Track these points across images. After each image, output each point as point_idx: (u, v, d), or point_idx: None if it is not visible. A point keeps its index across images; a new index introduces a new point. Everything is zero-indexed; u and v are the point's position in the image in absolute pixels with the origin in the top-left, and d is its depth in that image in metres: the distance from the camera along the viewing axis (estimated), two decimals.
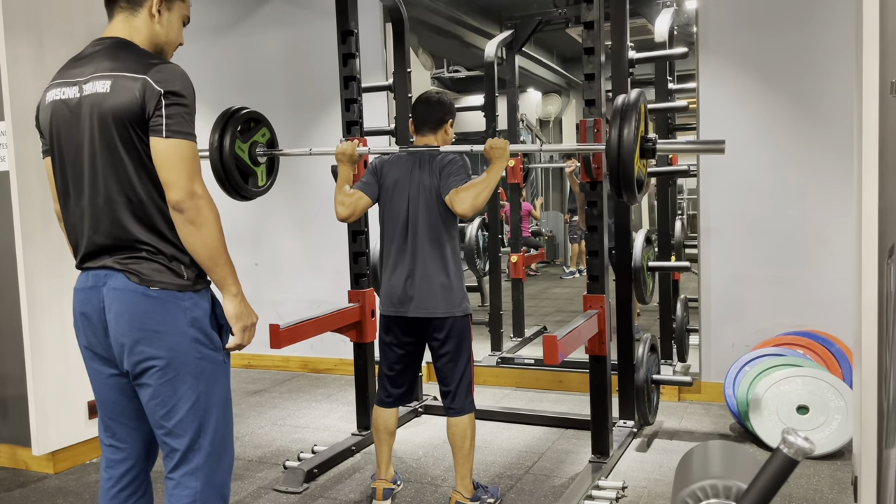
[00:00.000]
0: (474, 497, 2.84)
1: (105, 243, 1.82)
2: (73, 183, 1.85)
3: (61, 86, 1.86)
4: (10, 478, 3.43)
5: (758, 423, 3.45)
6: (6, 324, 3.42)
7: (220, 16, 5.37)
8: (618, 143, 2.44)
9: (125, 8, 1.86)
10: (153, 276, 1.79)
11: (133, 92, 1.74)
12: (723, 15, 4.03)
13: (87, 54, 1.87)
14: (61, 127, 1.85)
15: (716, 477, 1.09)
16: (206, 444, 1.85)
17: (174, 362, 1.79)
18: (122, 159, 1.77)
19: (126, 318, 1.78)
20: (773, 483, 1.00)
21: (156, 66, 1.77)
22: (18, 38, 3.26)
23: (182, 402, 1.82)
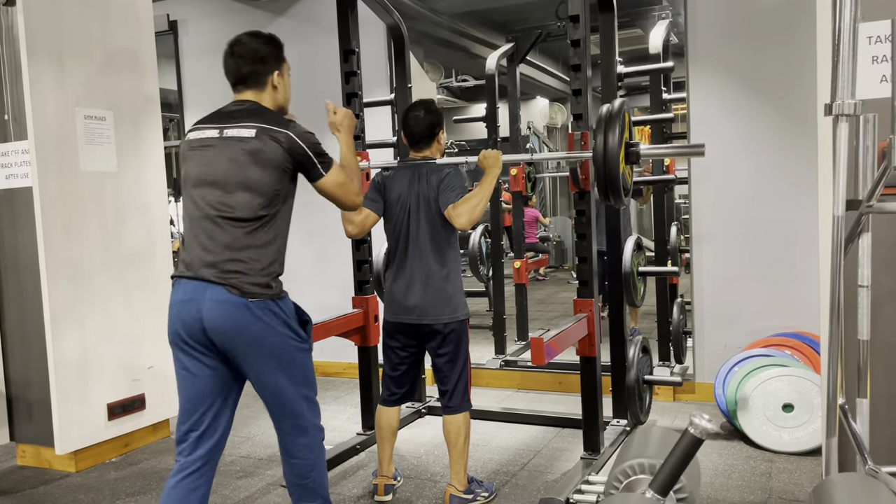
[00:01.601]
0: (468, 490, 3.00)
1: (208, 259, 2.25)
2: (200, 206, 2.28)
3: (203, 129, 2.35)
4: (35, 476, 3.63)
5: (745, 422, 3.59)
6: (31, 331, 3.63)
7: (234, 32, 5.55)
8: (603, 148, 2.61)
9: (252, 87, 2.38)
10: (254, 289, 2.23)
11: (279, 144, 2.25)
12: (711, 29, 4.17)
13: (228, 110, 2.37)
14: (200, 160, 2.30)
15: (648, 457, 1.25)
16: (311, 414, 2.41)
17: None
18: (248, 189, 2.24)
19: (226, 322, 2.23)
20: (684, 457, 1.16)
21: (293, 126, 2.32)
22: (40, 61, 3.48)
23: None
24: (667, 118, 4.14)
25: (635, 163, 2.80)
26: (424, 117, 3.02)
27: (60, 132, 3.56)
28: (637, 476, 1.27)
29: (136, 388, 3.89)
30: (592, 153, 2.66)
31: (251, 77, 2.37)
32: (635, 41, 6.13)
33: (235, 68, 2.38)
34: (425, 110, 3.03)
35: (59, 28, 3.56)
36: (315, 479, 2.44)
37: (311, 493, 2.45)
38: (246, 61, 2.36)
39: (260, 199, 2.26)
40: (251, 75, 2.37)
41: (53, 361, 3.52)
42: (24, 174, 3.58)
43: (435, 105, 3.10)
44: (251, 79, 2.37)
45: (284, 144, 2.26)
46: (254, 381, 2.35)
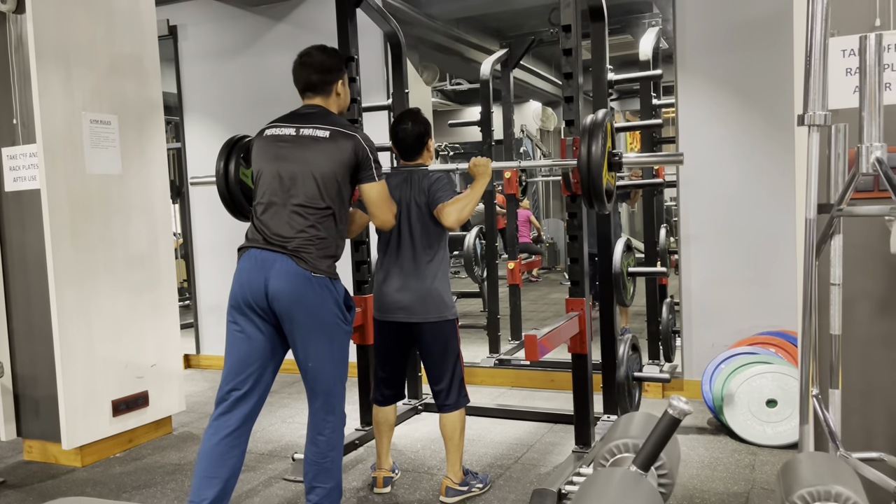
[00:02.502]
0: (463, 482, 3.12)
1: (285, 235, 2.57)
2: (275, 189, 2.61)
3: (280, 127, 2.69)
4: (42, 470, 3.73)
5: (731, 417, 3.72)
6: (38, 329, 3.73)
7: (233, 37, 5.70)
8: (587, 158, 2.74)
9: (320, 93, 2.75)
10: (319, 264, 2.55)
11: (349, 144, 2.59)
12: (699, 36, 4.31)
13: (302, 113, 2.74)
14: (275, 149, 2.65)
15: (632, 437, 1.37)
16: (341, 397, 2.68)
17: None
18: (322, 177, 2.57)
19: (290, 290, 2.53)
20: (663, 435, 1.28)
21: (360, 132, 2.68)
22: (48, 67, 3.58)
23: None
24: (655, 124, 4.27)
25: (618, 171, 2.93)
26: (412, 129, 3.14)
27: (67, 136, 3.66)
28: (622, 454, 1.39)
29: (140, 386, 4.00)
30: (577, 162, 2.80)
31: (319, 85, 2.73)
32: (625, 47, 6.26)
33: (305, 76, 2.74)
34: (412, 122, 3.15)
35: (66, 35, 3.66)
36: (333, 460, 2.67)
37: (327, 474, 2.65)
38: (315, 71, 2.73)
39: (327, 191, 2.59)
40: (319, 83, 2.73)
41: (60, 359, 3.62)
42: (32, 177, 3.68)
43: (421, 115, 3.22)
44: (319, 86, 2.73)
45: (352, 145, 2.60)
46: (300, 350, 2.61)
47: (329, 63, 2.75)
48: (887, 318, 2.28)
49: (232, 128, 5.68)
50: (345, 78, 2.81)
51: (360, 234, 3.92)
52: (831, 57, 2.30)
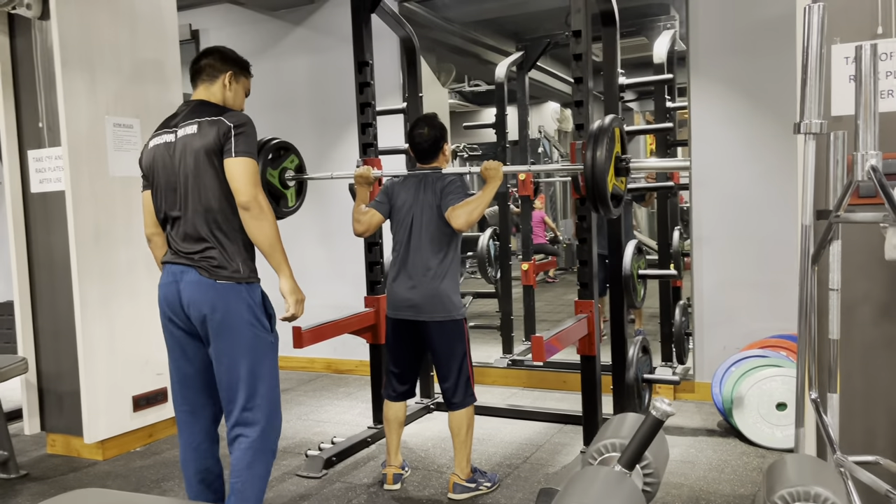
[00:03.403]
0: (471, 479, 3.18)
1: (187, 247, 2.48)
2: (170, 202, 2.50)
3: (161, 135, 2.57)
4: (65, 464, 3.84)
5: (740, 420, 3.74)
6: (62, 326, 3.84)
7: (253, 41, 5.79)
8: (592, 163, 2.78)
9: (206, 80, 2.62)
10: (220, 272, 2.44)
11: (213, 130, 2.42)
12: (711, 39, 4.33)
13: (180, 111, 2.60)
14: (161, 162, 2.52)
15: (620, 437, 1.42)
16: (261, 403, 2.47)
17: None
18: (203, 181, 2.43)
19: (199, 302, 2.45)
20: (647, 436, 1.32)
21: (228, 112, 2.50)
22: (73, 73, 3.69)
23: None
24: (664, 128, 4.29)
25: (626, 175, 2.97)
26: (428, 133, 3.21)
27: (91, 139, 3.77)
28: (610, 454, 1.44)
29: (160, 382, 4.09)
30: (583, 167, 2.83)
31: (206, 69, 2.62)
32: (641, 49, 6.27)
33: (194, 62, 2.66)
34: (428, 127, 3.23)
35: (90, 40, 3.77)
36: (246, 482, 2.49)
37: (238, 497, 2.50)
38: (206, 56, 2.66)
39: (212, 192, 2.46)
40: (206, 67, 2.62)
41: (83, 355, 3.73)
42: (57, 179, 3.80)
43: (437, 120, 3.29)
44: (206, 71, 2.62)
45: (216, 129, 2.44)
46: (213, 362, 2.51)
47: (227, 53, 2.67)
48: (889, 322, 2.30)
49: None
50: (238, 77, 2.67)
51: (373, 235, 3.98)
52: (834, 64, 2.32)
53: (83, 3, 3.71)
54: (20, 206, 3.96)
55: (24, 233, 3.97)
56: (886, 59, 2.24)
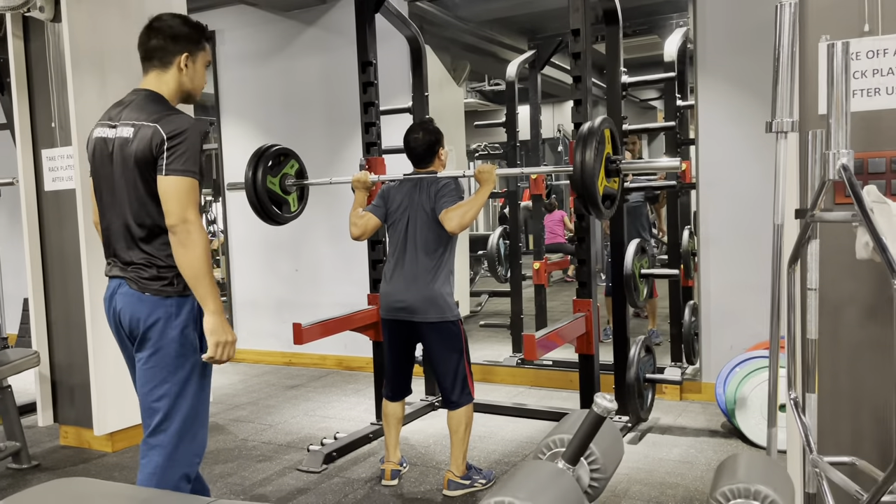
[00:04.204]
0: (465, 476, 3.20)
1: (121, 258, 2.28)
2: (106, 205, 2.31)
3: (103, 126, 2.32)
4: (76, 455, 3.95)
5: (743, 420, 3.71)
6: (74, 320, 3.94)
7: (267, 42, 5.88)
8: (581, 166, 2.78)
9: (157, 66, 2.30)
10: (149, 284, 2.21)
11: (147, 138, 2.15)
12: (719, 38, 4.29)
13: (125, 102, 2.31)
14: (100, 160, 2.31)
15: (565, 433, 1.44)
16: (173, 426, 2.22)
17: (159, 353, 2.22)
18: (134, 192, 2.21)
19: (127, 315, 2.24)
20: (589, 432, 1.33)
21: (167, 117, 2.16)
22: (84, 74, 3.78)
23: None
24: (668, 126, 4.27)
25: (618, 176, 2.97)
26: (423, 138, 3.25)
27: None
28: (558, 448, 1.45)
29: None
30: (572, 169, 2.83)
31: (158, 51, 2.30)
32: (653, 47, 6.23)
33: (145, 41, 2.33)
34: (424, 131, 3.27)
35: (101, 42, 3.85)
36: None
37: None
38: (159, 34, 2.31)
39: (147, 203, 2.23)
40: (158, 49, 2.30)
41: (92, 349, 3.81)
42: (68, 177, 3.90)
43: (432, 125, 3.33)
44: (158, 53, 2.31)
45: (149, 137, 2.16)
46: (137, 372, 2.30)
47: (178, 30, 2.29)
48: (875, 324, 2.27)
49: (265, 129, 5.89)
50: (196, 56, 2.31)
51: (376, 234, 4.01)
52: (821, 62, 2.30)
53: (94, 5, 3.80)
54: (34, 204, 4.06)
55: (38, 230, 4.08)
56: (874, 57, 2.21)
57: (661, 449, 3.71)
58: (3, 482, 3.58)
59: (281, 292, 6.01)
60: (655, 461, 3.54)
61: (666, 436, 3.91)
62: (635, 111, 11.86)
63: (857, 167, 2.07)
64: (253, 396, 5.02)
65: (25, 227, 4.04)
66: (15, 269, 5.29)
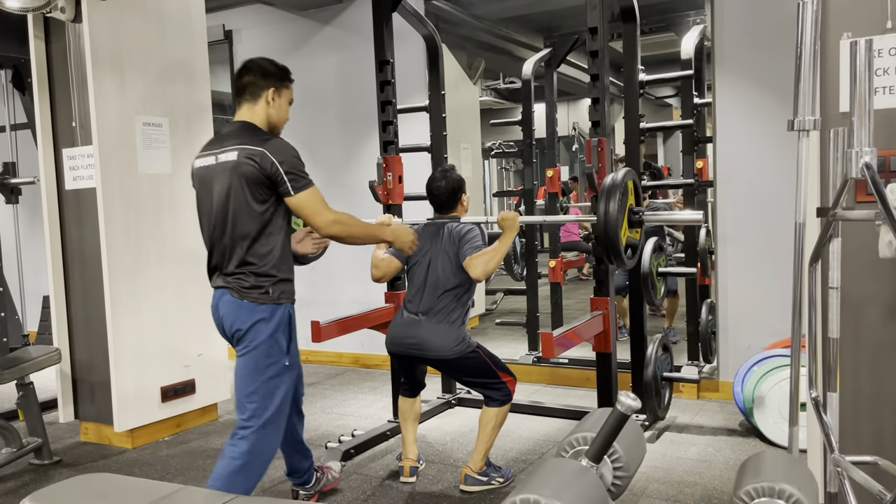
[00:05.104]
0: (483, 473, 3.21)
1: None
2: (213, 224, 2.60)
3: (203, 157, 2.66)
4: (96, 451, 3.99)
5: (761, 419, 3.70)
6: (94, 318, 3.99)
7: (283, 40, 5.91)
8: (604, 217, 2.83)
9: (248, 99, 2.64)
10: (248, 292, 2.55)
11: (256, 159, 2.46)
12: (737, 35, 4.26)
13: (223, 133, 2.67)
14: (203, 185, 2.63)
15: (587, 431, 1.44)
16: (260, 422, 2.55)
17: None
18: (237, 207, 2.52)
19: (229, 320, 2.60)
20: (612, 430, 1.34)
21: (269, 142, 2.51)
22: (104, 73, 3.82)
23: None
24: (685, 124, 4.25)
25: (638, 228, 3.06)
26: (446, 186, 3.30)
27: (121, 138, 3.90)
28: (581, 447, 1.46)
29: (187, 374, 4.22)
30: (595, 221, 2.90)
31: (248, 87, 2.64)
32: (670, 45, 6.20)
33: (237, 80, 2.67)
34: (446, 180, 3.31)
35: (120, 42, 3.90)
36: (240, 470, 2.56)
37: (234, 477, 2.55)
38: (248, 73, 2.66)
39: (248, 217, 2.55)
40: (249, 85, 2.65)
41: (113, 347, 3.86)
42: (89, 176, 3.94)
43: (454, 173, 3.36)
44: (249, 89, 2.64)
45: (258, 160, 2.48)
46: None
47: (267, 68, 2.65)
48: None
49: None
50: (282, 91, 2.67)
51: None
52: (842, 59, 2.29)
53: (113, 5, 3.84)
54: (55, 202, 4.11)
55: (59, 229, 4.12)
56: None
57: (679, 447, 3.70)
58: (25, 477, 3.63)
59: (297, 290, 6.02)
60: (673, 460, 3.54)
61: (683, 434, 3.90)
62: (651, 109, 11.82)
63: (879, 165, 2.06)
64: None
65: (46, 226, 4.09)
66: (35, 267, 5.34)
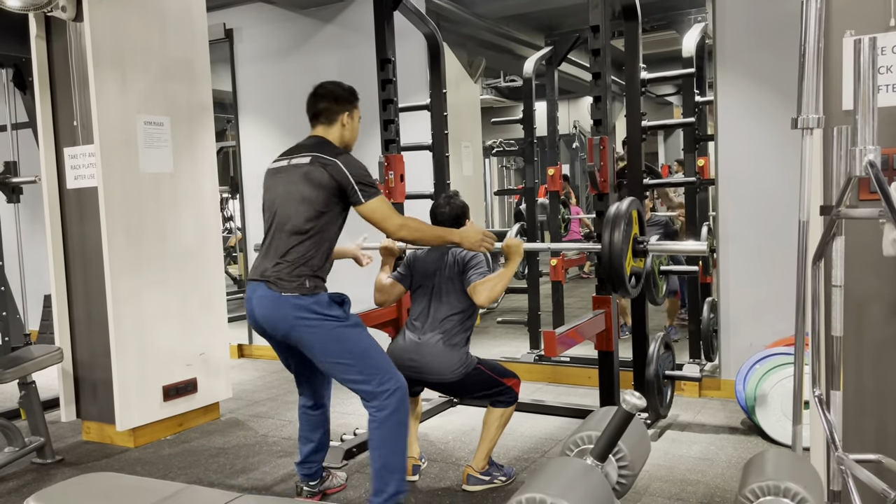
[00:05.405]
0: (485, 472, 3.21)
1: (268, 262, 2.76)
2: (276, 219, 2.76)
3: (279, 161, 2.86)
4: (98, 450, 3.99)
5: (763, 417, 3.70)
6: (96, 317, 3.99)
7: (285, 39, 5.90)
8: (609, 247, 2.85)
9: (324, 122, 2.87)
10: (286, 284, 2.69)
11: (328, 168, 2.68)
12: (738, 33, 4.26)
13: (302, 144, 2.86)
14: (271, 184, 2.82)
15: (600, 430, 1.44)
16: (370, 378, 2.76)
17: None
18: (301, 202, 2.70)
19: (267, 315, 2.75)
20: (617, 429, 1.34)
21: (343, 156, 2.74)
22: (105, 72, 3.82)
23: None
24: (687, 122, 4.25)
25: (643, 257, 3.10)
26: (450, 212, 3.32)
27: (123, 137, 3.90)
28: (586, 445, 1.45)
29: (189, 373, 4.22)
30: (600, 250, 2.92)
31: (324, 113, 2.87)
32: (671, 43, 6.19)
33: (313, 105, 2.89)
34: (450, 206, 3.32)
35: (121, 41, 3.89)
36: (377, 459, 2.80)
37: (376, 476, 2.79)
38: (322, 99, 2.88)
39: (307, 214, 2.73)
40: (324, 111, 2.87)
41: (114, 346, 3.86)
42: (90, 175, 3.93)
43: (458, 199, 3.37)
44: (324, 114, 2.87)
45: (330, 170, 2.69)
46: (314, 362, 2.84)
47: (338, 93, 2.89)
48: None
49: (283, 126, 5.92)
50: (353, 112, 2.91)
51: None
52: (845, 57, 2.29)
53: (115, 4, 3.84)
54: (56, 202, 4.11)
55: (61, 228, 4.12)
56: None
57: (681, 446, 3.70)
58: (28, 476, 3.63)
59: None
60: (675, 458, 3.54)
61: (685, 433, 3.90)
62: (653, 107, 11.80)
63: (883, 163, 2.05)
64: (272, 392, 5.06)
65: (48, 225, 4.09)
66: (36, 266, 5.34)
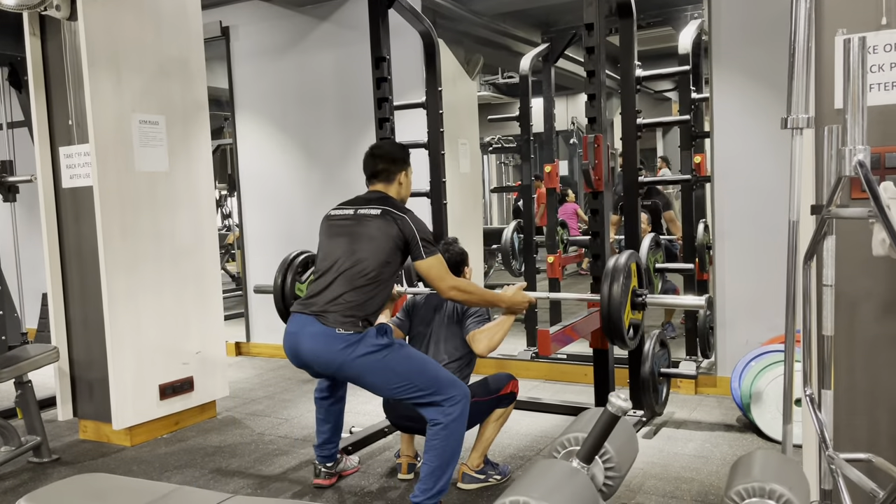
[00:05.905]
0: (480, 470, 3.22)
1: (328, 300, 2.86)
2: (338, 258, 2.90)
3: (342, 209, 3.04)
4: (95, 449, 4.00)
5: (758, 415, 3.70)
6: (92, 316, 3.99)
7: (281, 37, 5.89)
8: (608, 299, 2.88)
9: (382, 180, 3.06)
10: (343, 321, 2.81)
11: (396, 222, 2.87)
12: (734, 29, 4.25)
13: (364, 197, 3.05)
14: (337, 228, 2.98)
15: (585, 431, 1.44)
16: (433, 391, 2.79)
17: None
18: (370, 248, 2.86)
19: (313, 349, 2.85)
20: (603, 431, 1.34)
21: (410, 213, 2.94)
22: (100, 71, 3.81)
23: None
24: (682, 120, 4.25)
25: (641, 310, 3.16)
26: (448, 259, 3.26)
27: (118, 136, 3.90)
28: (573, 447, 1.46)
29: (185, 371, 4.22)
30: (600, 303, 3.00)
31: (383, 173, 3.05)
32: (667, 39, 6.18)
33: (372, 165, 3.07)
34: (449, 253, 3.32)
35: (116, 40, 3.89)
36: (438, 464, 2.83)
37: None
38: (381, 160, 3.07)
39: (374, 260, 2.89)
40: (383, 171, 3.05)
41: (110, 345, 3.87)
42: (85, 174, 3.93)
43: (457, 245, 3.40)
44: (383, 174, 3.05)
45: (400, 223, 2.88)
46: (374, 392, 2.95)
47: (395, 155, 3.08)
48: (891, 319, 2.26)
49: (279, 124, 5.92)
50: (408, 170, 3.11)
51: None
52: (837, 56, 2.29)
53: (109, 3, 3.83)
54: (52, 201, 4.11)
55: (56, 227, 4.12)
56: (891, 51, 2.19)
57: (676, 443, 3.71)
58: (24, 475, 3.64)
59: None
60: (670, 456, 3.54)
61: (681, 430, 3.91)
62: (649, 103, 11.79)
63: (873, 162, 2.06)
64: (269, 391, 5.06)
65: (44, 224, 4.09)
66: (33, 265, 5.34)
